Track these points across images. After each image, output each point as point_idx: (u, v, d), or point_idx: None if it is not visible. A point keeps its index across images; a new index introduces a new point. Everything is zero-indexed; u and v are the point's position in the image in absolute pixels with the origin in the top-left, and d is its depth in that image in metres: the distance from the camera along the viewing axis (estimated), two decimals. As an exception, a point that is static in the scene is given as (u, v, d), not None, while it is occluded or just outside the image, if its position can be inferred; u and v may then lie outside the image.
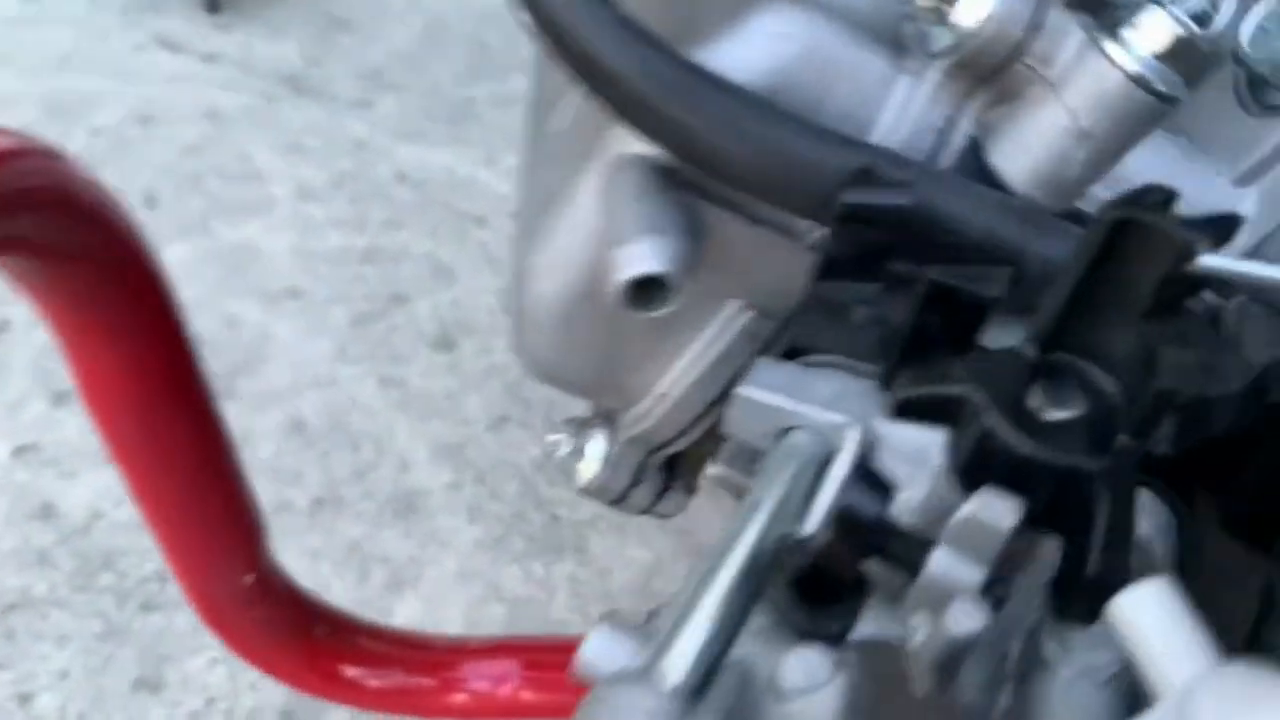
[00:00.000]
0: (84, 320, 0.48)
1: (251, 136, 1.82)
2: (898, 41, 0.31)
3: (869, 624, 0.26)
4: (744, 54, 0.30)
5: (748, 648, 0.26)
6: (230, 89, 1.87)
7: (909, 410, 0.25)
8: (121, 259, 0.47)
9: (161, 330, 0.53)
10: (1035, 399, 0.24)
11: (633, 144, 0.31)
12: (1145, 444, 0.23)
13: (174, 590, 0.83)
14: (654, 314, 0.30)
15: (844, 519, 0.23)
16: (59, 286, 0.45)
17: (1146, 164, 0.34)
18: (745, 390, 0.29)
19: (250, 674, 1.16)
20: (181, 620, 1.20)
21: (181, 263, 1.59)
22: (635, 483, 0.42)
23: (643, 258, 0.29)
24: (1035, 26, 0.29)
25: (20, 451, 1.36)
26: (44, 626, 1.20)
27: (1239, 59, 0.33)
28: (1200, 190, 0.34)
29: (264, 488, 1.09)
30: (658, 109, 0.29)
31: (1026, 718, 0.26)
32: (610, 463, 0.42)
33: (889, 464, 0.28)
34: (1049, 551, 0.25)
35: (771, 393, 0.29)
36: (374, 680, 0.73)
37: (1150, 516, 0.28)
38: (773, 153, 0.28)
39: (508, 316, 0.38)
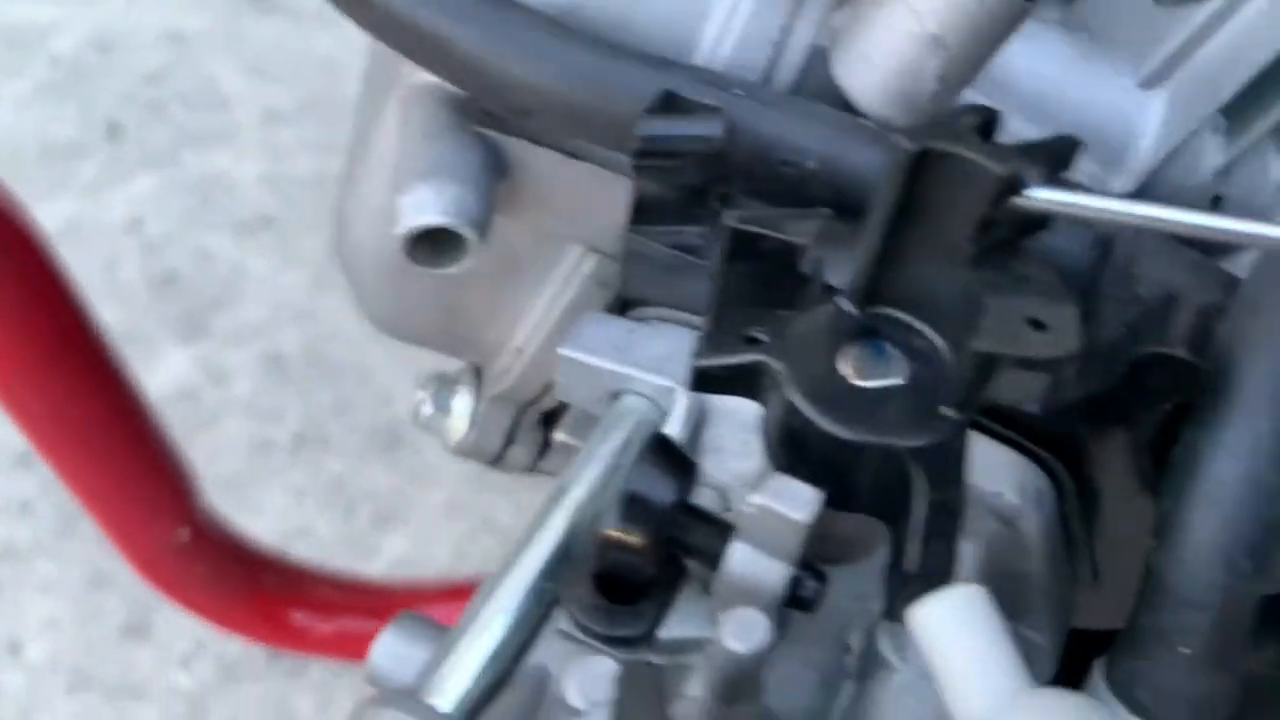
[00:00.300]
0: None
1: (215, 59, 1.76)
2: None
3: (679, 624, 0.23)
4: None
5: (551, 650, 0.24)
6: (192, 10, 1.81)
7: (706, 383, 0.22)
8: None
9: (41, 289, 0.51)
10: (850, 364, 0.21)
11: (425, 74, 0.27)
12: (969, 416, 0.20)
13: None
14: (447, 270, 0.27)
15: (634, 505, 0.20)
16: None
17: (1036, 68, 0.30)
18: (568, 351, 0.26)
19: (237, 615, 1.17)
20: (166, 564, 1.21)
21: (149, 197, 1.56)
22: (510, 441, 0.40)
23: (422, 207, 0.26)
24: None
25: (-5, 401, 1.35)
26: (29, 576, 1.21)
27: None
28: (1100, 95, 0.30)
29: (244, 426, 1.08)
30: (444, 41, 0.25)
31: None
32: (478, 421, 0.39)
33: (720, 433, 0.25)
34: (875, 540, 0.22)
35: (596, 354, 0.26)
36: (324, 626, 0.72)
37: (1020, 487, 0.24)
38: (560, 77, 0.24)
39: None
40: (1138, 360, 0.24)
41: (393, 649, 0.24)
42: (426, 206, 0.26)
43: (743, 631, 0.19)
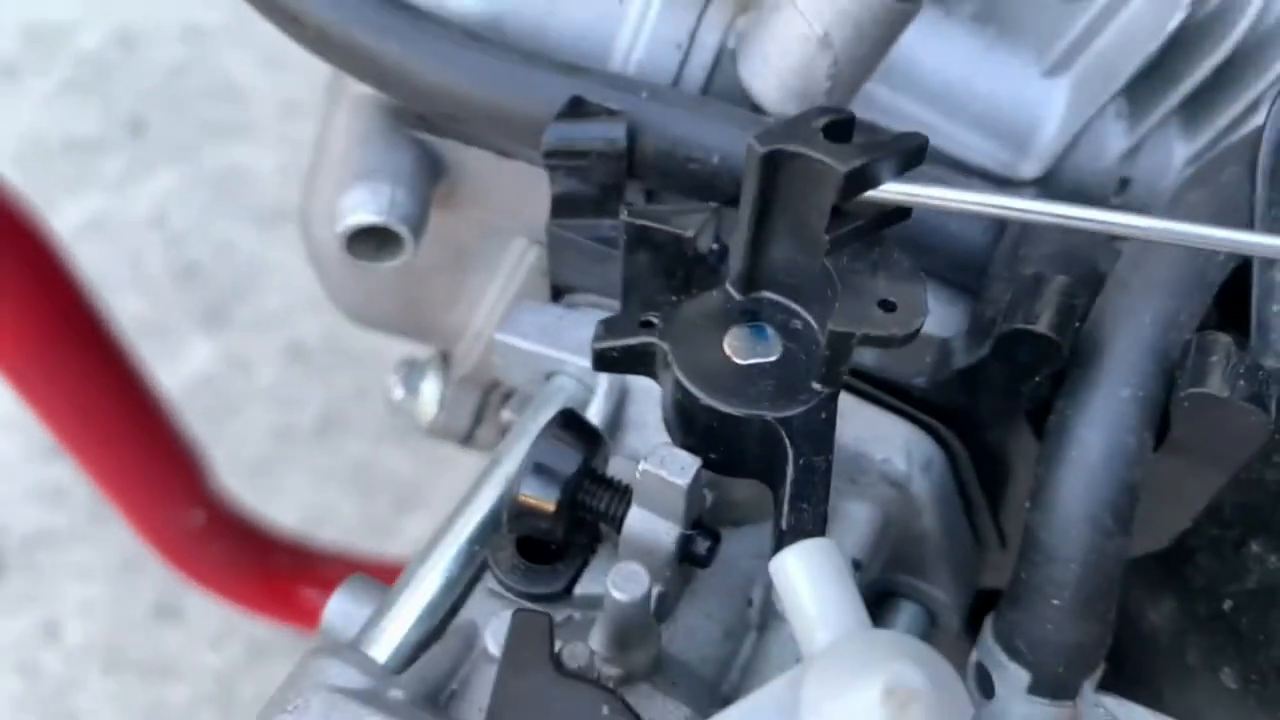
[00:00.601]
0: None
1: (233, 53, 1.80)
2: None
3: (595, 582, 0.26)
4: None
5: (482, 607, 0.26)
6: (209, 5, 1.85)
7: (605, 363, 0.24)
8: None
9: (41, 271, 0.54)
10: (732, 344, 0.23)
11: (365, 87, 0.30)
12: (834, 389, 0.23)
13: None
14: (387, 264, 0.29)
15: (540, 473, 0.23)
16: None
17: (944, 60, 0.32)
18: (502, 336, 0.29)
19: (265, 596, 1.22)
20: (196, 549, 1.25)
21: (172, 190, 1.61)
22: (478, 421, 0.42)
23: (358, 207, 0.28)
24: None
25: (28, 393, 1.40)
26: (66, 560, 1.26)
27: None
28: (1006, 85, 0.32)
29: (267, 413, 1.11)
30: (373, 55, 0.27)
31: (763, 671, 0.26)
32: (446, 404, 0.42)
33: (642, 410, 0.27)
34: (769, 503, 0.24)
35: (528, 339, 0.29)
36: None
37: (908, 453, 0.27)
38: (482, 88, 0.27)
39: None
40: (1004, 335, 0.26)
41: (342, 608, 0.27)
42: (362, 206, 0.29)
43: (624, 582, 0.21)
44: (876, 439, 0.27)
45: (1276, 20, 0.30)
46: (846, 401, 0.28)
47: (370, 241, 0.30)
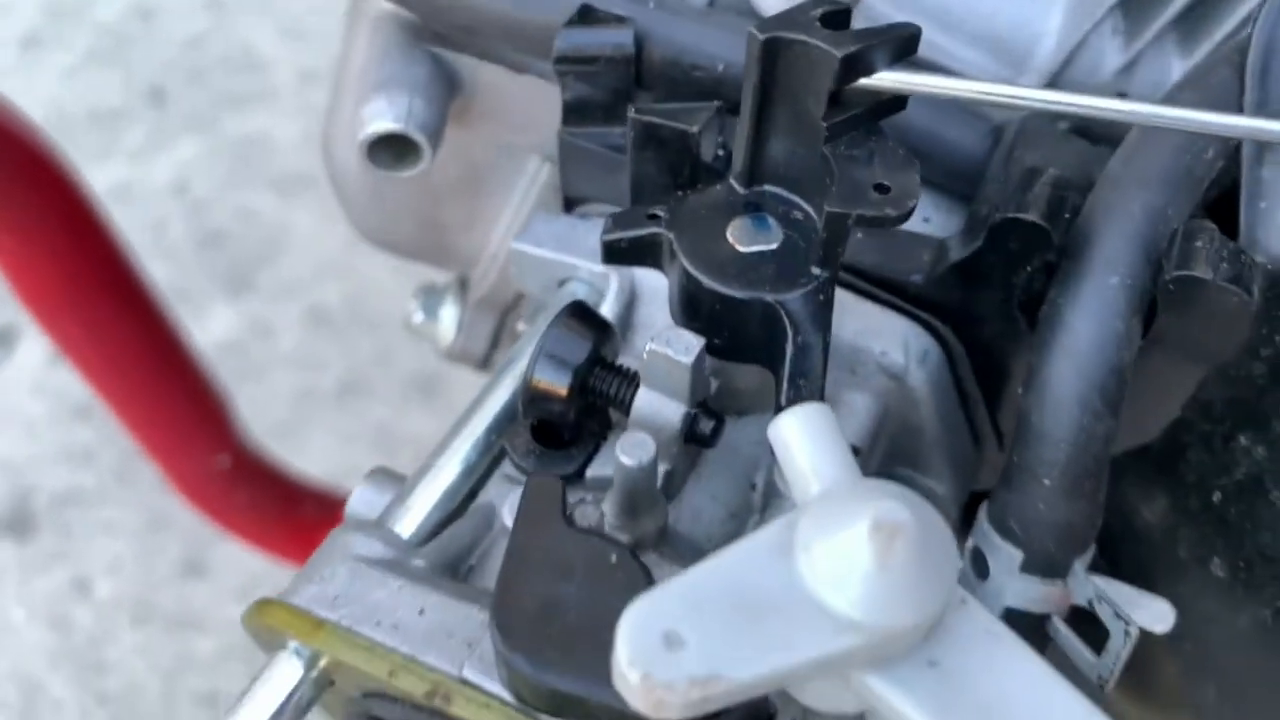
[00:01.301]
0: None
1: (252, 23, 1.81)
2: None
3: (606, 465, 0.27)
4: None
5: (499, 490, 0.28)
6: (227, -26, 1.86)
7: (614, 255, 0.26)
8: (23, 160, 0.49)
9: (76, 224, 0.56)
10: (735, 233, 0.24)
11: (384, 2, 0.31)
12: (831, 272, 0.24)
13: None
14: (406, 173, 0.31)
15: (552, 359, 0.24)
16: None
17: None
18: (518, 244, 0.30)
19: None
20: (220, 507, 1.27)
21: (193, 158, 1.62)
22: (494, 345, 0.43)
23: (377, 116, 0.30)
24: None
25: (56, 358, 1.43)
26: (94, 518, 1.29)
27: None
28: (1004, 2, 0.32)
29: (290, 376, 1.13)
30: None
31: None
32: (464, 327, 0.43)
33: (650, 311, 0.29)
34: (763, 392, 0.25)
35: (542, 246, 0.30)
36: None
37: (905, 346, 0.28)
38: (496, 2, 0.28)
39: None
40: (996, 224, 0.27)
41: (365, 497, 0.29)
42: (382, 115, 0.30)
43: (632, 449, 0.22)
44: (875, 333, 0.29)
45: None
46: (847, 298, 0.29)
47: (389, 151, 0.31)
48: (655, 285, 0.28)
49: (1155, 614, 0.28)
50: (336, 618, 0.24)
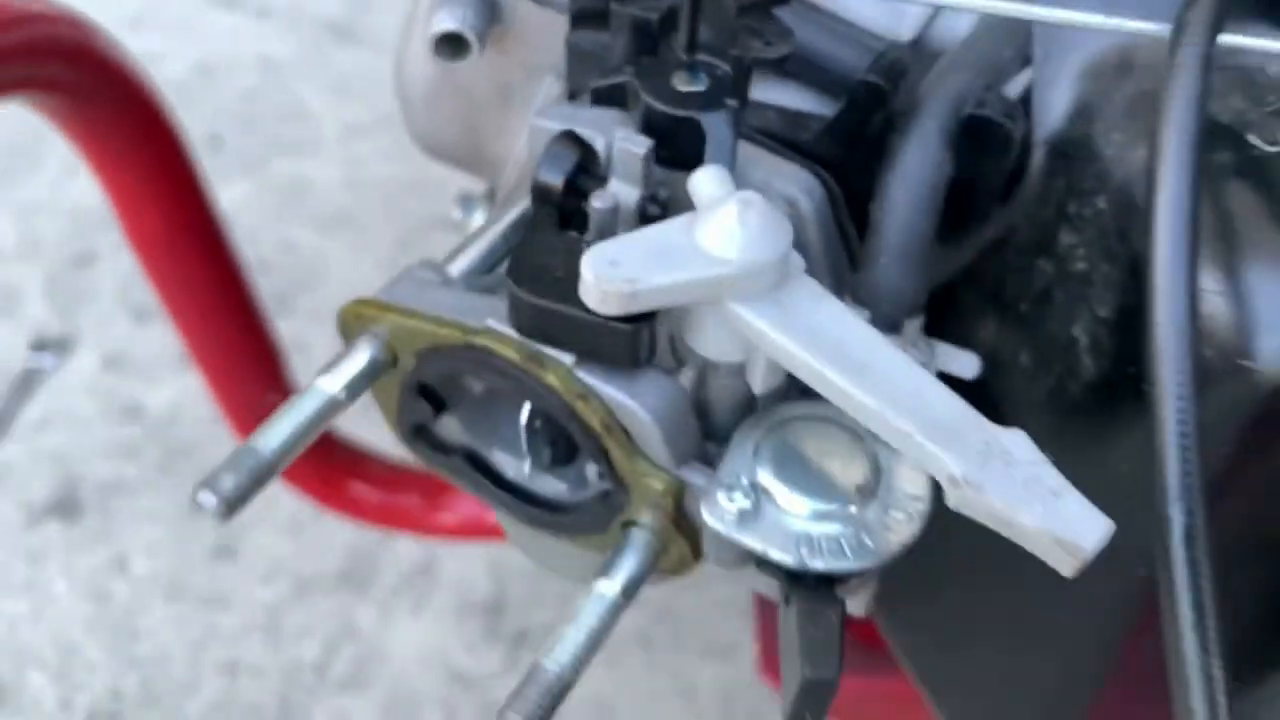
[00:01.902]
0: (111, 158, 0.65)
1: (303, 82, 2.00)
2: None
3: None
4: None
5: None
6: (282, 40, 2.06)
7: (599, 98, 0.39)
8: (135, 105, 0.63)
9: (174, 167, 0.70)
10: (679, 81, 0.38)
11: (447, -51, 0.45)
12: (743, 102, 0.37)
13: None
14: (459, 63, 0.44)
15: (549, 160, 0.37)
16: (86, 124, 0.62)
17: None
18: (535, 120, 0.43)
19: (312, 543, 1.36)
20: (254, 500, 1.39)
21: (243, 196, 1.79)
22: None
23: (443, 20, 0.43)
24: None
25: (110, 362, 1.57)
26: (136, 506, 1.41)
27: None
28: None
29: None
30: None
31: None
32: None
33: (626, 144, 0.41)
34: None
35: (553, 120, 0.43)
36: (373, 498, 0.90)
37: (796, 182, 0.41)
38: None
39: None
40: (852, 88, 0.41)
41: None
42: (445, 20, 0.44)
43: (597, 201, 0.35)
44: (777, 174, 0.42)
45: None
46: (760, 153, 0.43)
47: (448, 48, 0.45)
48: (624, 128, 0.41)
49: (964, 364, 0.41)
50: (402, 304, 0.36)
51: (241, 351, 0.79)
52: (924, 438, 0.30)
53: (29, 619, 1.29)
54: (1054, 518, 0.29)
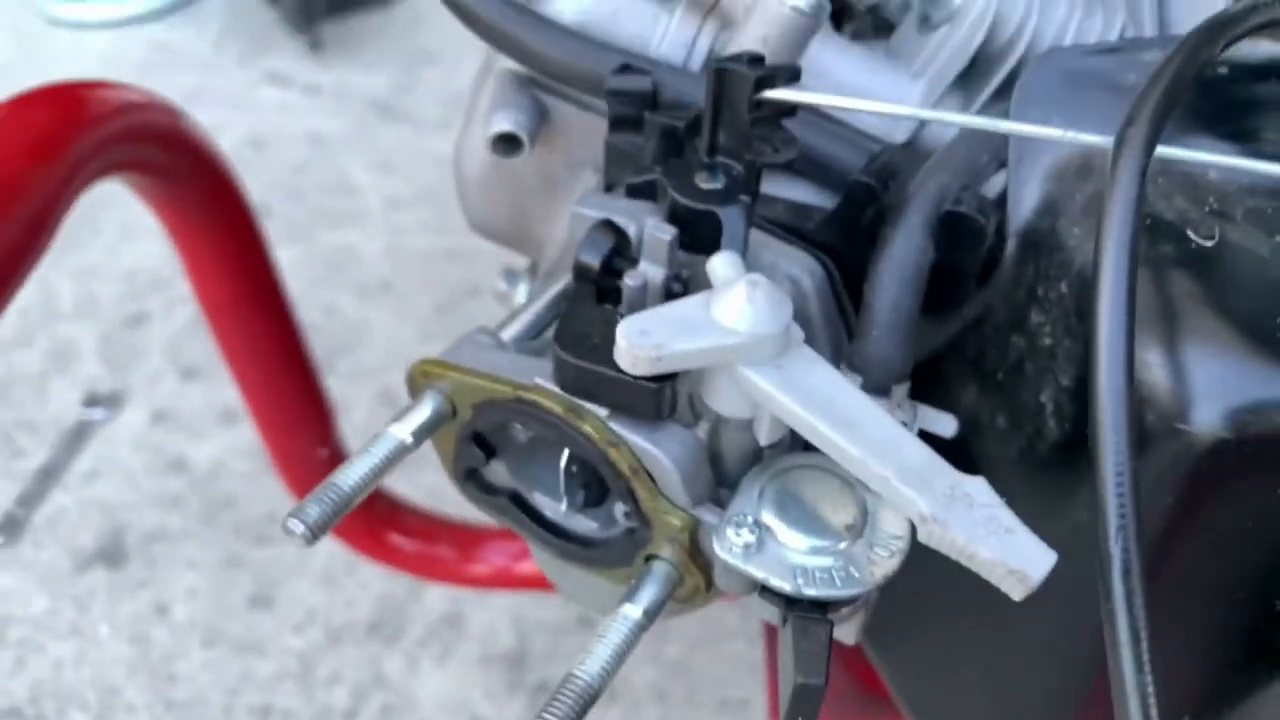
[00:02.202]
0: (190, 230, 0.73)
1: (348, 156, 2.11)
2: (663, -10, 0.52)
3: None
4: (563, 4, 0.51)
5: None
6: (330, 116, 2.17)
7: (633, 192, 0.46)
8: (215, 183, 0.71)
9: (246, 241, 0.77)
10: (700, 180, 0.45)
11: (506, 61, 0.53)
12: (754, 198, 0.44)
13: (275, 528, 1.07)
14: (513, 160, 0.51)
15: (591, 246, 0.43)
16: (171, 201, 0.69)
17: (848, 66, 0.54)
18: (576, 208, 0.50)
19: (344, 594, 1.41)
20: (289, 552, 1.45)
21: (289, 263, 1.87)
22: (555, 314, 0.63)
23: (500, 121, 0.51)
24: (731, -25, 0.50)
25: (158, 417, 1.65)
26: (177, 554, 1.47)
27: (911, 3, 0.54)
28: (887, 82, 0.54)
29: (359, 445, 1.35)
30: (512, 38, 0.50)
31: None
32: (533, 296, 0.63)
33: (655, 232, 0.48)
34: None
35: (591, 208, 0.50)
36: (411, 547, 0.95)
37: (800, 264, 0.48)
38: (573, 59, 0.49)
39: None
40: (849, 186, 0.47)
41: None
42: (502, 121, 0.51)
43: (630, 280, 0.42)
44: (783, 257, 0.48)
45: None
46: (770, 239, 0.49)
47: (503, 146, 0.52)
48: (653, 217, 0.48)
49: (943, 424, 0.47)
50: (462, 363, 0.43)
51: (297, 409, 0.86)
52: (899, 482, 0.36)
53: (73, 662, 1.34)
54: (1007, 551, 0.35)
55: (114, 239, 1.89)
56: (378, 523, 0.97)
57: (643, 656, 1.32)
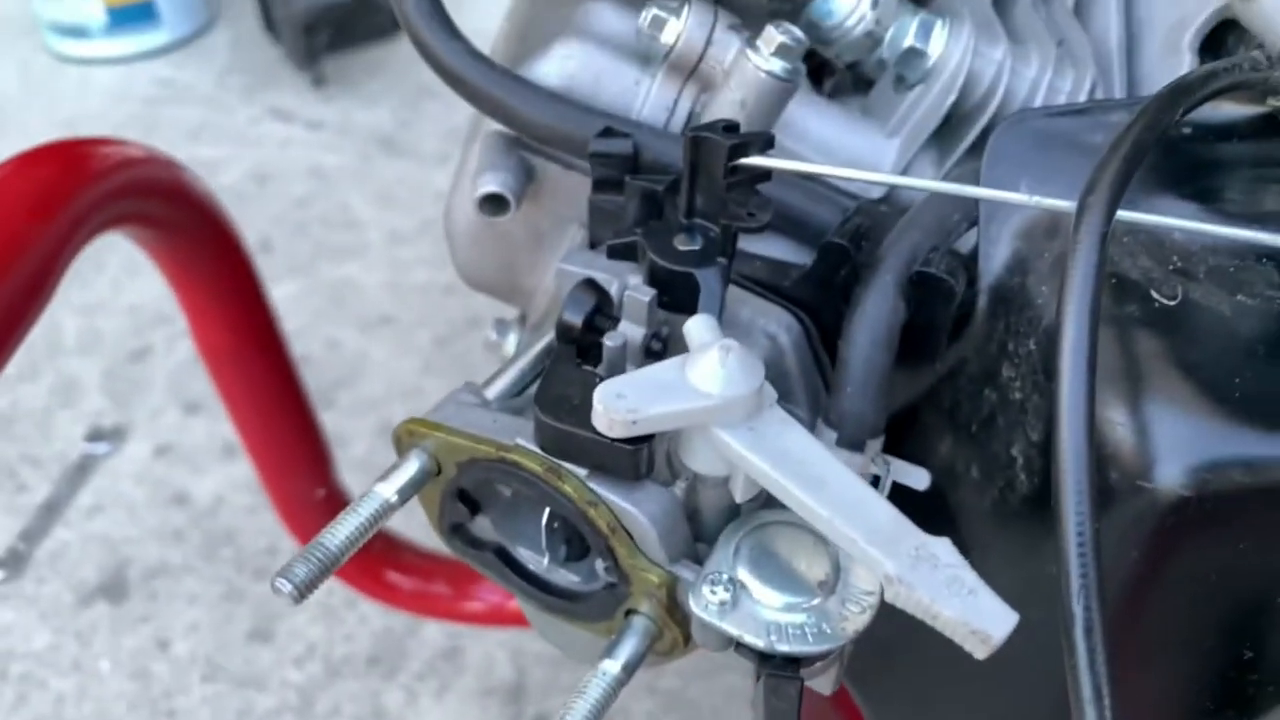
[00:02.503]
0: (190, 280, 0.74)
1: (351, 190, 2.13)
2: (644, 55, 0.54)
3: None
4: (547, 68, 0.53)
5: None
6: (332, 150, 2.20)
7: (615, 253, 0.47)
8: (215, 235, 0.72)
9: (245, 290, 0.79)
10: (679, 241, 0.46)
11: (493, 124, 0.54)
12: (731, 259, 0.45)
13: (282, 560, 1.07)
14: (499, 219, 0.53)
15: (572, 302, 0.44)
16: (172, 251, 0.71)
17: (825, 124, 0.55)
18: (562, 264, 0.51)
19: (343, 627, 1.42)
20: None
21: (291, 297, 1.89)
22: (542, 359, 0.64)
23: (488, 183, 0.52)
24: (710, 42, 0.51)
25: (160, 451, 1.66)
26: (178, 589, 1.48)
27: (886, 61, 0.55)
28: (863, 140, 0.55)
29: (358, 478, 1.37)
30: (497, 101, 0.52)
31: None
32: (522, 345, 0.64)
33: (635, 293, 0.49)
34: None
35: (577, 265, 0.51)
36: (407, 585, 0.96)
37: (777, 320, 0.49)
38: (557, 122, 0.51)
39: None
40: (823, 246, 0.48)
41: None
42: (489, 181, 0.52)
43: (615, 336, 0.43)
44: (761, 313, 0.49)
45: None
46: (748, 295, 0.50)
47: (490, 205, 0.53)
48: (634, 278, 0.49)
49: (916, 477, 0.48)
50: (447, 423, 0.44)
51: (295, 451, 0.87)
52: (866, 543, 0.37)
53: (74, 698, 1.35)
54: (970, 611, 0.36)
55: (118, 275, 1.91)
56: (375, 561, 0.98)
57: (641, 688, 1.32)
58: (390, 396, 1.74)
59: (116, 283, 1.92)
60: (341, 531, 0.42)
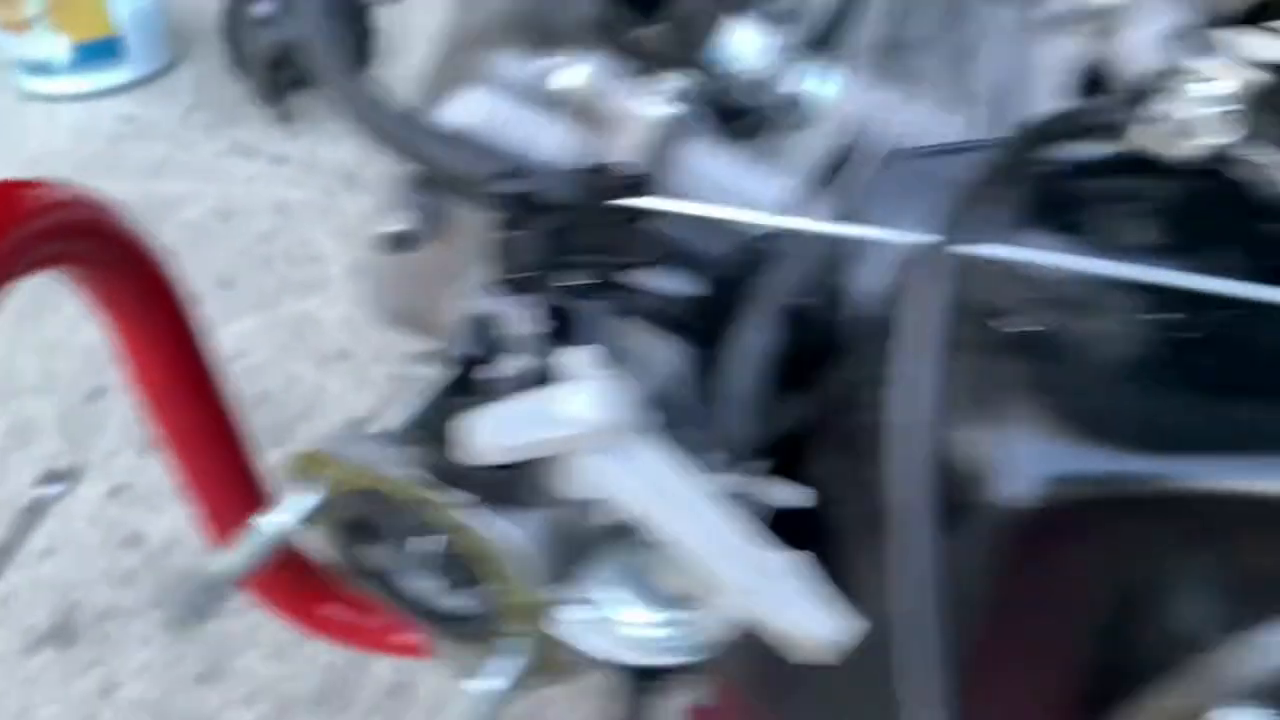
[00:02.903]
0: (122, 317, 0.77)
1: (314, 225, 2.16)
2: (546, 101, 0.58)
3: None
4: (454, 113, 0.57)
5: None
6: (296, 185, 2.24)
7: (514, 286, 0.51)
8: (145, 273, 0.76)
9: (176, 326, 0.82)
10: (569, 277, 0.50)
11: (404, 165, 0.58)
12: (618, 293, 0.49)
13: (232, 601, 1.08)
14: (408, 254, 0.57)
15: (459, 340, 0.48)
16: (104, 290, 0.74)
17: (722, 164, 0.59)
18: (457, 302, 0.55)
19: (290, 667, 1.44)
20: (237, 625, 1.48)
21: (251, 332, 1.92)
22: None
23: (394, 221, 0.56)
24: (608, 88, 0.56)
25: (114, 492, 1.68)
26: (129, 631, 1.49)
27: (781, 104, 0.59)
28: (752, 180, 0.59)
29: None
30: (403, 145, 0.56)
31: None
32: (439, 376, 0.67)
33: (521, 326, 0.53)
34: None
35: (473, 301, 0.55)
36: (343, 617, 0.99)
37: (659, 349, 0.53)
38: (458, 163, 0.55)
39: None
40: (714, 278, 0.52)
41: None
42: (394, 220, 0.56)
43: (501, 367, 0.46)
44: (648, 344, 0.53)
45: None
46: (634, 327, 0.54)
47: (395, 243, 0.57)
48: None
49: (795, 496, 0.52)
50: (337, 455, 0.47)
51: (230, 489, 0.90)
52: (714, 559, 0.40)
53: (20, 743, 1.36)
54: (814, 623, 0.39)
55: (73, 314, 1.94)
56: (310, 595, 1.00)
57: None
58: (349, 433, 1.75)
59: (72, 323, 1.95)
60: (234, 560, 0.45)
